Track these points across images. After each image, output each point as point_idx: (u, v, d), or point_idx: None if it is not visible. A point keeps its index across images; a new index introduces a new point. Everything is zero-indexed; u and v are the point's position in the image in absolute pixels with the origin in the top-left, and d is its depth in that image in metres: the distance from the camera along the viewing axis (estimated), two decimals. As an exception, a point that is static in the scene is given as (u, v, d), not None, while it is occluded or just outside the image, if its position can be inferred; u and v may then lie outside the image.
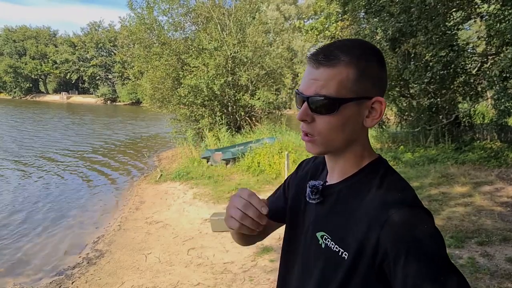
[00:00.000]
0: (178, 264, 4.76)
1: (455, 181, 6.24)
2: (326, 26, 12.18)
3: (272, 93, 13.69)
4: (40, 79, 62.58)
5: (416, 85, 8.36)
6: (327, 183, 0.85)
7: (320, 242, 0.81)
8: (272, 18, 13.50)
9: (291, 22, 14.22)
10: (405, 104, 9.80)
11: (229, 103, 13.90)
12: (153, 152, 14.73)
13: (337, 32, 11.96)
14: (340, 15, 11.38)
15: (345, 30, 11.52)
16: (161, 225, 6.27)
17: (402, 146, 9.46)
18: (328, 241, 0.79)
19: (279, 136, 10.63)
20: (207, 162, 10.09)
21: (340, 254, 0.75)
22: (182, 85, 12.74)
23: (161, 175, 9.80)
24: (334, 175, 0.85)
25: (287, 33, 13.45)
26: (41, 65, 57.75)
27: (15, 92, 58.65)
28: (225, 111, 13.64)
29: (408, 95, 9.50)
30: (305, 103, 0.77)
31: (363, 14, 9.53)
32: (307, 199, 0.86)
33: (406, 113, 9.70)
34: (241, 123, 13.97)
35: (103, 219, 7.19)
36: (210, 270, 4.50)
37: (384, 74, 0.79)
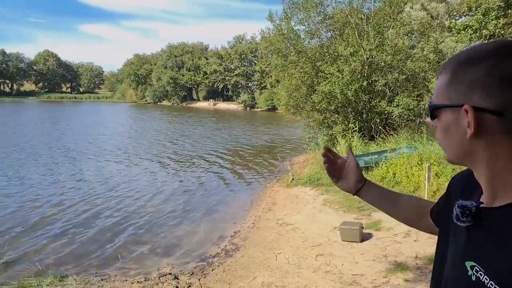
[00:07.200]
0: (306, 268, 4.84)
1: None
2: (484, 23, 10.57)
3: (413, 99, 12.64)
4: (193, 88, 71.85)
5: None
6: (482, 205, 0.75)
7: (469, 273, 0.72)
8: (416, 18, 12.45)
9: (439, 21, 12.80)
10: None
11: (363, 110, 13.44)
12: (286, 156, 15.31)
13: (497, 30, 10.28)
14: (502, 10, 9.77)
15: (509, 27, 9.84)
16: (291, 228, 6.47)
17: None
18: (481, 274, 0.69)
19: (419, 146, 9.74)
20: (339, 169, 9.93)
21: None
22: (316, 91, 12.90)
23: (293, 179, 10.10)
24: (488, 195, 0.74)
25: (434, 33, 12.17)
26: (195, 76, 66.39)
27: (173, 99, 68.83)
28: (359, 118, 13.23)
29: None
30: None
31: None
32: (455, 220, 0.77)
33: None
34: (376, 130, 13.32)
35: (240, 215, 7.83)
36: (338, 279, 4.44)
37: (494, 79, 0.67)
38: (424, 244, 5.17)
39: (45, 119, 34.19)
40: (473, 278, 0.70)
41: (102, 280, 4.84)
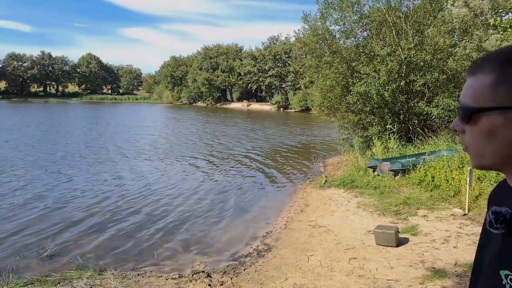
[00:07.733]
0: (339, 271, 4.77)
1: None
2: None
3: (454, 100, 12.09)
4: (227, 89, 72.69)
5: None
6: None
7: (504, 282, 0.70)
8: (458, 15, 11.91)
9: (483, 18, 12.12)
10: None
11: (401, 111, 13.03)
12: (319, 157, 15.14)
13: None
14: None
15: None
16: (323, 230, 6.40)
17: None
18: None
19: (460, 149, 9.32)
20: (373, 171, 9.72)
21: None
22: (351, 92, 12.66)
23: (326, 181, 9.97)
24: None
25: (477, 31, 11.57)
26: (229, 77, 67.14)
27: (208, 100, 69.97)
28: (396, 119, 12.84)
29: None
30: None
31: None
32: (488, 227, 0.75)
33: None
34: (414, 132, 12.87)
35: (272, 216, 7.84)
36: (372, 284, 4.34)
37: None
38: (464, 251, 4.94)
39: (92, 119, 36.24)
40: (507, 287, 0.68)
41: (138, 275, 5.02)
